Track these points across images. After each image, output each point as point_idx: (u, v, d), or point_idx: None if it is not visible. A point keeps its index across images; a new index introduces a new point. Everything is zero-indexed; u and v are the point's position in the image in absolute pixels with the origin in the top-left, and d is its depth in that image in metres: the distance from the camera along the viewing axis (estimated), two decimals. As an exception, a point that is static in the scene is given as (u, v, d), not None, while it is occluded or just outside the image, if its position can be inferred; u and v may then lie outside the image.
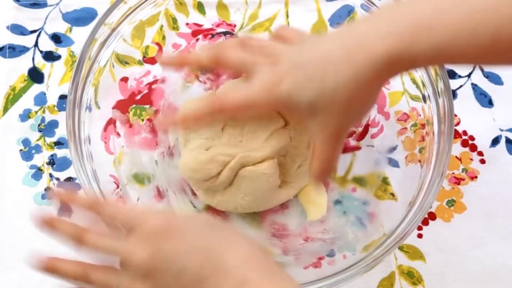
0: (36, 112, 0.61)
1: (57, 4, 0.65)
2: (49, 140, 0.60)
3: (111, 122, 0.54)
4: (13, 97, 0.61)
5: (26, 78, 0.62)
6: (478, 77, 0.63)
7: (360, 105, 0.41)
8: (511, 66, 0.39)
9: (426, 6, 0.37)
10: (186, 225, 0.38)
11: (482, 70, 0.64)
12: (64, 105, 0.61)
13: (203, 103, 0.45)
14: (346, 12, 0.59)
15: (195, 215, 0.43)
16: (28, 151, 0.59)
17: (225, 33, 0.60)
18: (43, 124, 0.60)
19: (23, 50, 0.63)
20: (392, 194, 0.55)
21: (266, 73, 0.42)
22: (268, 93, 0.42)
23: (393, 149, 0.56)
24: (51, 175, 0.59)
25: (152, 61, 0.58)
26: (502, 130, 0.61)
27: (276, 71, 0.42)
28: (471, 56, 0.37)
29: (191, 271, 0.35)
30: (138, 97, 0.57)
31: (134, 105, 0.57)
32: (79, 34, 0.64)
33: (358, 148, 0.58)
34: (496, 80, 0.63)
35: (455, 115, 0.61)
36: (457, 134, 0.61)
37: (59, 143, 0.60)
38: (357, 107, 0.41)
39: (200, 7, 0.61)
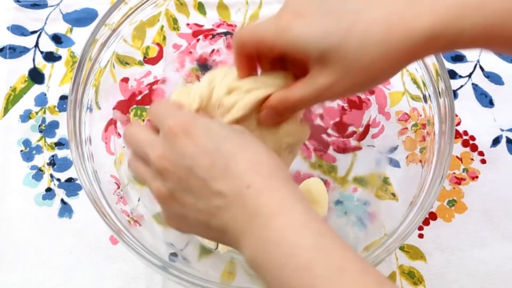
0: (36, 113, 0.61)
1: (58, 4, 0.65)
2: (50, 140, 0.60)
3: (111, 122, 0.54)
4: (13, 98, 0.61)
5: (26, 79, 0.62)
6: (478, 77, 0.63)
7: (374, 75, 0.37)
8: None
9: None
10: (203, 127, 0.37)
11: (482, 70, 0.64)
12: (64, 106, 0.61)
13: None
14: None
15: (216, 120, 0.41)
16: (28, 151, 0.59)
17: (225, 34, 0.60)
18: (43, 124, 0.60)
19: (24, 50, 0.63)
20: (393, 194, 0.55)
21: (282, 7, 0.38)
22: (279, 26, 0.37)
23: (394, 149, 0.56)
24: (51, 176, 0.59)
25: (152, 61, 0.58)
26: (502, 130, 0.61)
27: (294, 4, 0.38)
28: None
29: (200, 171, 0.35)
30: (139, 97, 0.57)
31: (134, 106, 0.57)
32: (80, 35, 0.64)
33: (359, 148, 0.58)
34: (496, 80, 0.63)
35: (456, 115, 0.61)
36: (458, 134, 0.61)
37: (59, 144, 0.60)
38: (369, 76, 0.37)
39: (201, 8, 0.61)
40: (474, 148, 0.61)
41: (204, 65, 0.60)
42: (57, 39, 0.64)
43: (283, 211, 0.34)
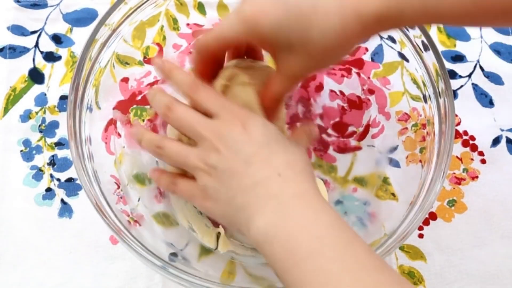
0: (36, 113, 0.61)
1: (58, 4, 0.65)
2: (50, 140, 0.60)
3: (111, 122, 0.54)
4: (13, 98, 0.61)
5: (26, 79, 0.62)
6: (478, 77, 0.63)
7: (337, 55, 0.42)
8: (498, 25, 0.38)
9: None
10: (261, 124, 0.42)
11: (482, 70, 0.64)
12: (64, 106, 0.61)
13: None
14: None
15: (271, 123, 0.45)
16: (28, 151, 0.59)
17: (225, 34, 0.60)
18: (43, 124, 0.60)
19: (24, 50, 0.63)
20: (393, 194, 0.55)
21: (243, 1, 0.41)
22: (247, 24, 0.40)
23: (394, 149, 0.56)
24: (51, 176, 0.59)
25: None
26: (502, 130, 0.61)
27: (255, 2, 0.41)
28: (457, 15, 0.38)
29: (243, 156, 0.40)
30: (139, 97, 0.57)
31: (134, 106, 0.57)
32: (80, 35, 0.64)
33: (359, 148, 0.58)
34: (496, 80, 0.63)
35: (456, 115, 0.61)
36: (457, 134, 0.61)
37: (59, 144, 0.60)
38: (333, 57, 0.42)
39: (201, 8, 0.61)
40: (474, 148, 0.61)
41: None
42: (57, 39, 0.64)
43: (304, 196, 0.39)
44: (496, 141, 0.61)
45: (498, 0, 0.36)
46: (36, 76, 0.62)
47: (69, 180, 0.59)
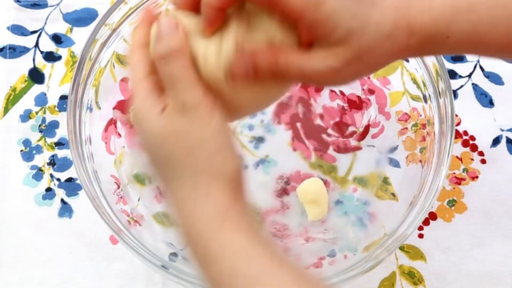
0: (36, 113, 0.61)
1: (58, 4, 0.65)
2: (50, 140, 0.60)
3: (112, 122, 0.54)
4: (13, 98, 0.61)
5: (26, 79, 0.62)
6: (478, 77, 0.63)
7: (378, 65, 0.38)
8: None
9: None
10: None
11: (482, 70, 0.64)
12: (64, 106, 0.61)
13: None
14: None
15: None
16: (28, 151, 0.59)
17: (225, 34, 0.60)
18: (43, 124, 0.60)
19: (24, 50, 0.63)
20: (393, 194, 0.55)
21: None
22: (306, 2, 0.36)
23: (394, 149, 0.56)
24: (51, 176, 0.59)
25: (152, 61, 0.58)
26: (502, 130, 0.61)
27: None
28: (507, 43, 0.36)
29: (193, 141, 0.36)
30: (139, 97, 0.57)
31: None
32: (80, 35, 0.64)
33: (359, 148, 0.58)
34: (496, 80, 0.63)
35: (456, 115, 0.61)
36: (457, 134, 0.61)
37: (59, 144, 0.60)
38: (375, 66, 0.38)
39: (201, 8, 0.61)
40: (474, 148, 0.61)
41: None
42: (57, 39, 0.64)
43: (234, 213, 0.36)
44: (496, 141, 0.61)
45: None
46: (36, 76, 0.62)
47: (69, 180, 0.59)
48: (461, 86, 0.63)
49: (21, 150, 0.59)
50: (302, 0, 0.36)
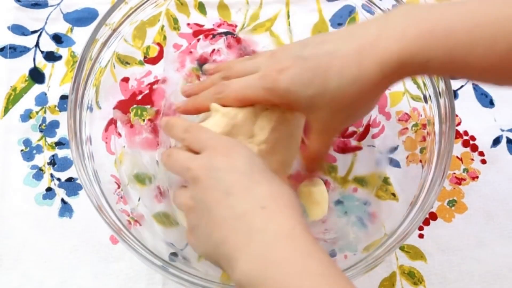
0: (37, 113, 0.61)
1: (58, 4, 0.65)
2: (50, 140, 0.60)
3: (112, 122, 0.54)
4: (14, 98, 0.61)
5: (27, 79, 0.62)
6: (479, 77, 0.63)
7: (361, 106, 0.41)
8: None
9: (444, 11, 0.37)
10: (244, 153, 0.40)
11: (483, 70, 0.64)
12: (65, 105, 0.61)
13: (205, 93, 0.46)
14: (347, 13, 0.59)
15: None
16: (29, 151, 0.59)
17: (226, 33, 0.60)
18: (44, 124, 0.60)
19: (24, 50, 0.63)
20: (393, 194, 0.55)
21: (265, 64, 0.42)
22: (266, 84, 0.41)
23: (394, 149, 0.56)
24: (52, 175, 0.59)
25: (153, 61, 0.58)
26: (503, 130, 0.61)
27: (275, 61, 0.41)
28: (487, 66, 0.36)
29: (224, 183, 0.37)
30: (139, 97, 0.57)
31: (135, 105, 0.57)
32: (80, 35, 0.64)
33: (359, 148, 0.58)
34: (497, 80, 0.63)
35: (456, 115, 0.61)
36: (458, 134, 0.61)
37: (60, 143, 0.60)
38: (358, 108, 0.41)
39: (201, 7, 0.61)
40: (474, 148, 0.61)
41: (204, 65, 0.60)
42: (57, 38, 0.64)
43: (292, 235, 0.35)
44: (496, 141, 0.61)
45: None
46: (36, 75, 0.62)
47: (70, 179, 0.59)
48: (462, 86, 0.63)
49: (22, 150, 0.59)
50: (261, 91, 0.41)
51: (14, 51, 0.63)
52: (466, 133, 0.61)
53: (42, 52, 0.63)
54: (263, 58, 0.44)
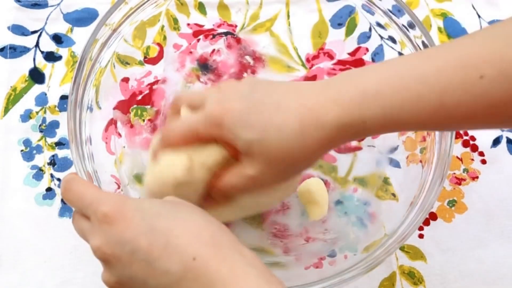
0: (37, 113, 0.61)
1: (58, 4, 0.65)
2: (50, 140, 0.60)
3: (112, 122, 0.54)
4: (14, 98, 0.61)
5: (27, 79, 0.62)
6: (479, 78, 0.63)
7: (295, 162, 0.40)
8: (461, 129, 0.39)
9: (373, 74, 0.38)
10: (136, 208, 0.36)
11: (483, 70, 0.64)
12: (65, 106, 0.61)
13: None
14: (347, 13, 0.59)
15: (147, 199, 0.42)
16: (29, 151, 0.59)
17: (226, 34, 0.60)
18: (44, 124, 0.60)
19: (24, 50, 0.63)
20: (393, 195, 0.55)
21: (211, 99, 0.41)
22: (210, 121, 0.40)
23: (394, 149, 0.56)
24: (52, 176, 0.59)
25: (153, 61, 0.58)
26: (503, 131, 0.61)
27: (222, 97, 0.40)
28: (420, 121, 0.37)
29: (141, 253, 0.34)
30: (139, 97, 0.57)
31: (135, 106, 0.57)
32: (80, 35, 0.64)
33: (359, 148, 0.58)
34: (497, 80, 0.63)
35: (456, 116, 0.60)
36: (458, 134, 0.61)
37: (60, 144, 0.60)
38: (291, 163, 0.40)
39: (201, 8, 0.61)
40: (474, 148, 0.61)
41: (204, 65, 0.60)
42: (57, 39, 0.64)
43: (235, 279, 0.33)
44: (496, 142, 0.61)
45: (457, 107, 0.36)
46: (36, 76, 0.62)
47: (70, 180, 0.59)
48: (462, 86, 0.63)
49: (22, 150, 0.59)
50: (204, 126, 0.40)
51: (14, 51, 0.63)
52: (466, 133, 0.61)
53: (42, 52, 0.63)
54: (210, 92, 0.43)
